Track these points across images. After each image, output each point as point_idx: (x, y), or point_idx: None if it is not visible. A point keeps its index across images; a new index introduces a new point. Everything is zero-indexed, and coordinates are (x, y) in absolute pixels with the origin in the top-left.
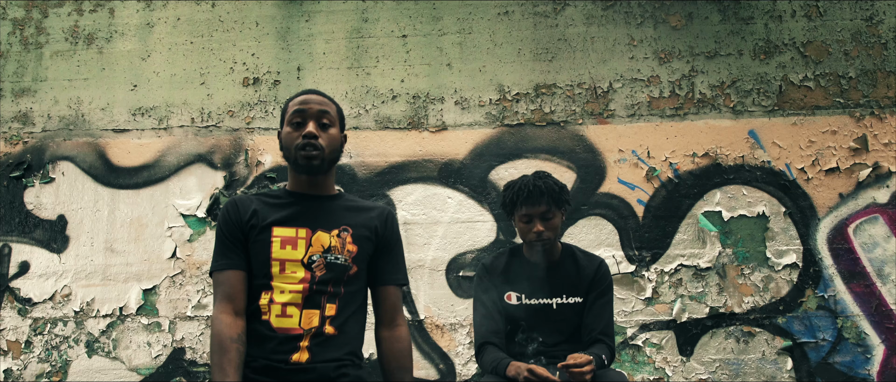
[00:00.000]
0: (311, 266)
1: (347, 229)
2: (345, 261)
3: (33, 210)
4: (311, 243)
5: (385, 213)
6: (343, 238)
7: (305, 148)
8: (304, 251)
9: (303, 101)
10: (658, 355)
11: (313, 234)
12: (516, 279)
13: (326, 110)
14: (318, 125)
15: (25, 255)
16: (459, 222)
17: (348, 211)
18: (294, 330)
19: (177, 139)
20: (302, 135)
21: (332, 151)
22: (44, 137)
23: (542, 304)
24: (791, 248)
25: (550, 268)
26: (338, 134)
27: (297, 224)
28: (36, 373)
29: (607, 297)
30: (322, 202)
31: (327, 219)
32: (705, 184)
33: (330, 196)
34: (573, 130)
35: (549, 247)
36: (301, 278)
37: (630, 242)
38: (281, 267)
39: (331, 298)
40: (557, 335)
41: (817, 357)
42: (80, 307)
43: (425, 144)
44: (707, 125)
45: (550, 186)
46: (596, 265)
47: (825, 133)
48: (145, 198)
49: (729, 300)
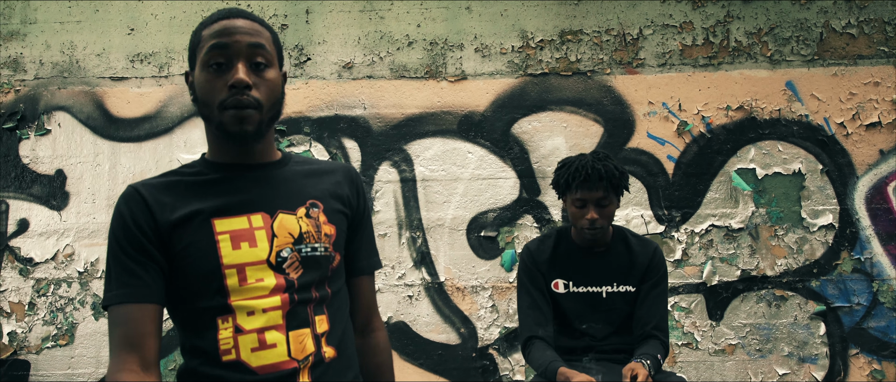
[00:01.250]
0: (283, 267)
1: (317, 204)
2: (325, 251)
3: (30, 164)
4: (274, 232)
5: (351, 173)
6: (315, 217)
7: (236, 106)
8: (267, 245)
9: (224, 29)
10: (687, 319)
11: (273, 220)
12: (563, 266)
13: (260, 44)
14: (249, 67)
15: (24, 212)
16: (480, 179)
17: (308, 178)
18: (285, 365)
19: (179, 88)
20: (228, 84)
21: (274, 104)
22: (37, 86)
23: (591, 292)
24: (827, 208)
25: (601, 254)
26: (278, 76)
27: (247, 209)
28: (41, 336)
29: (662, 286)
30: (270, 172)
31: (286, 193)
32: (739, 139)
33: (275, 162)
34: (600, 80)
35: (602, 235)
36: (274, 287)
37: (659, 201)
38: (240, 277)
39: (318, 307)
40: (607, 326)
41: (851, 322)
42: (84, 267)
43: (444, 94)
44: (742, 76)
45: (610, 170)
46: (651, 252)
47: (867, 85)
48: (148, 151)
49: (761, 263)
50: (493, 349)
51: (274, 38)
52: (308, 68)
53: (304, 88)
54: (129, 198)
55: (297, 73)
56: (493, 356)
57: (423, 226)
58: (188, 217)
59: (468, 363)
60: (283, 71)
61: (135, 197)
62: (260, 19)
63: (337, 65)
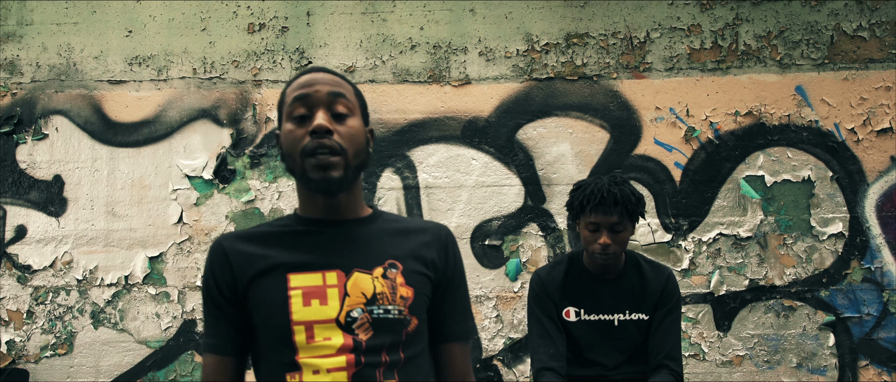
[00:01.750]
0: (353, 327)
1: (396, 264)
2: (399, 314)
3: (27, 169)
4: (346, 291)
5: (443, 235)
6: (392, 279)
7: (317, 152)
8: (338, 304)
9: (305, 83)
10: (694, 330)
11: (348, 278)
12: (574, 293)
13: (341, 93)
14: (330, 116)
15: (22, 218)
16: (485, 187)
17: (392, 237)
18: None
19: (178, 92)
20: (309, 131)
21: (358, 152)
22: (33, 89)
23: (603, 320)
24: (837, 216)
25: (613, 281)
26: (361, 127)
27: (322, 266)
28: (40, 345)
29: (675, 314)
30: (353, 229)
31: (365, 252)
32: (748, 146)
33: (362, 219)
34: (607, 85)
35: (614, 261)
36: (340, 346)
37: (666, 208)
38: (308, 334)
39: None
40: (618, 354)
41: (861, 332)
42: (83, 275)
43: (447, 99)
44: (751, 80)
45: (627, 194)
46: (664, 279)
47: (878, 89)
48: (147, 157)
49: (769, 272)
50: (497, 360)
51: (356, 91)
52: None
53: None
54: (214, 254)
55: None
56: (497, 367)
57: None
58: (266, 270)
59: None
60: (369, 128)
61: (219, 254)
62: (341, 74)
63: (338, 68)
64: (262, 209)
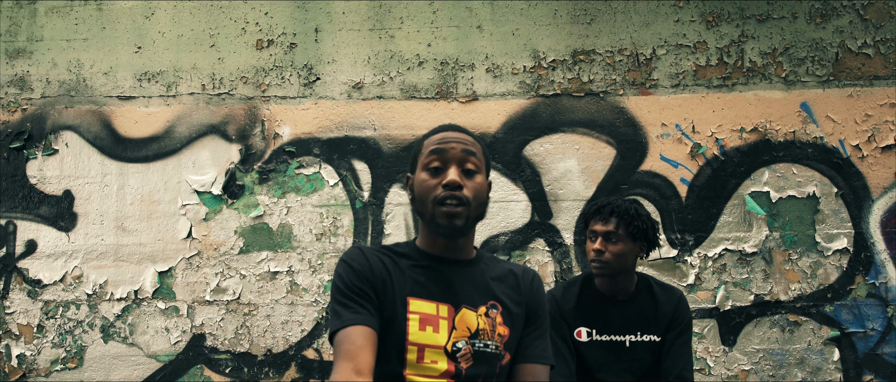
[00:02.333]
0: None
1: (497, 305)
2: (496, 349)
3: (37, 185)
4: (454, 324)
5: (530, 277)
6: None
7: (447, 202)
8: (447, 334)
9: (442, 139)
10: (699, 345)
11: (457, 312)
12: (587, 314)
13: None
14: (461, 172)
15: (32, 233)
16: (492, 202)
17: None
18: None
19: (187, 108)
20: (442, 183)
21: (479, 205)
22: (43, 104)
23: (615, 341)
24: (842, 232)
25: (625, 302)
26: (484, 182)
27: (437, 298)
28: (50, 359)
29: (687, 335)
30: (463, 269)
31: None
32: (753, 162)
33: (471, 260)
34: (613, 101)
35: (607, 271)
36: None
37: (672, 224)
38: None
39: None
40: (628, 375)
41: (865, 347)
42: (93, 289)
43: (455, 115)
44: (756, 97)
45: (626, 208)
46: (675, 301)
47: (883, 106)
48: (156, 172)
49: (775, 287)
50: None
51: (484, 150)
52: (317, 88)
53: (313, 109)
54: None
55: (307, 93)
56: None
57: None
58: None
59: None
60: (489, 180)
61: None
62: (473, 133)
63: (347, 85)
64: (271, 225)
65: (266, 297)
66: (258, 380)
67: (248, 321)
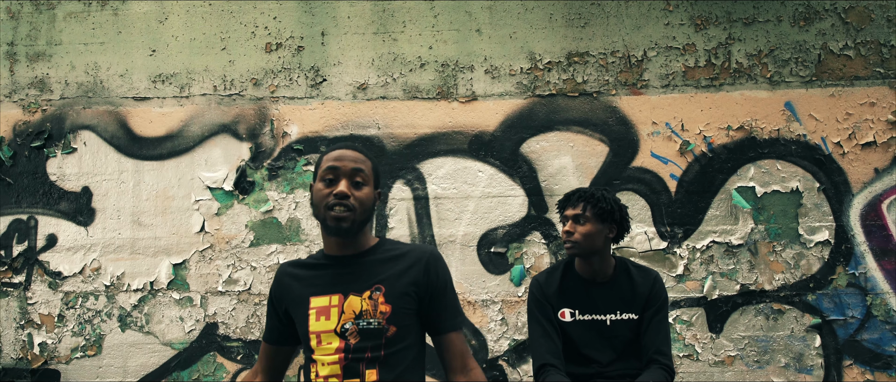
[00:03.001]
0: (346, 335)
1: (380, 287)
2: (378, 324)
3: (57, 182)
4: (343, 310)
5: (424, 258)
6: (375, 299)
7: (334, 209)
8: (336, 319)
9: (337, 157)
10: (688, 332)
11: (345, 300)
12: (570, 296)
13: (360, 168)
14: (350, 184)
15: (52, 227)
16: (490, 197)
17: (383, 265)
18: None
19: (199, 109)
20: (332, 193)
21: (365, 211)
22: (62, 105)
23: (596, 320)
24: (823, 224)
25: (604, 284)
26: (371, 192)
27: (329, 291)
28: (71, 347)
29: (663, 313)
30: (355, 262)
31: (358, 280)
32: (739, 158)
33: (364, 252)
34: (606, 101)
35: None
36: (336, 347)
37: (662, 218)
38: (318, 340)
39: (370, 364)
40: (611, 352)
41: (845, 334)
42: (111, 281)
43: (455, 115)
44: (743, 97)
45: (592, 192)
46: (651, 281)
47: (863, 105)
48: (170, 169)
49: (759, 278)
50: (502, 360)
51: (373, 166)
52: (324, 89)
53: (320, 109)
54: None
55: (314, 93)
56: (502, 367)
57: (435, 242)
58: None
59: None
60: (378, 190)
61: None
62: (365, 152)
63: (352, 86)
64: (280, 219)
65: None
66: None
67: (258, 311)
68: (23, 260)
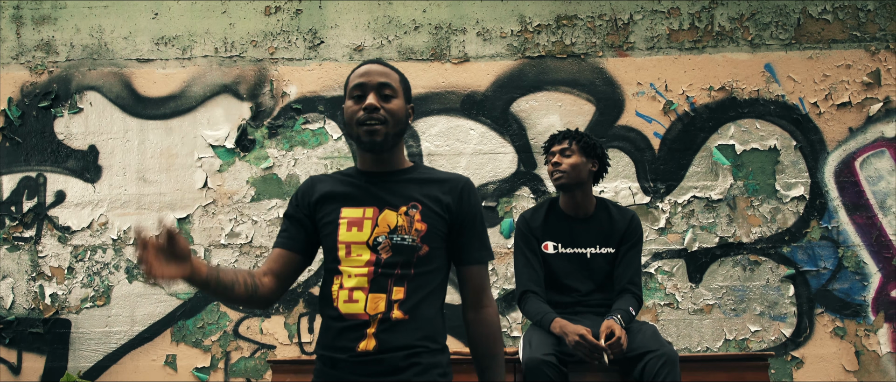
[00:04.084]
0: (377, 248)
1: (416, 205)
2: (412, 242)
3: (64, 140)
4: (377, 223)
5: (460, 184)
6: (411, 216)
7: (367, 122)
8: (369, 232)
9: (363, 72)
10: (669, 282)
11: (380, 213)
12: (553, 230)
13: (387, 82)
14: (379, 97)
15: (61, 184)
16: (482, 154)
17: (419, 185)
18: (360, 316)
19: (201, 70)
20: (362, 108)
21: (397, 123)
22: (68, 67)
23: (577, 253)
24: (799, 181)
25: (585, 220)
26: (402, 105)
27: (364, 204)
28: (80, 297)
29: (637, 248)
30: (390, 179)
31: (394, 196)
32: (720, 118)
33: (400, 171)
34: (593, 62)
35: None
36: (366, 260)
37: (646, 174)
38: (347, 250)
39: (398, 281)
40: (591, 283)
41: (817, 284)
42: (118, 234)
43: (448, 75)
44: (724, 59)
45: (574, 131)
46: (628, 219)
47: (840, 67)
48: (174, 128)
49: (738, 231)
50: None
51: (402, 78)
52: (321, 51)
53: (318, 70)
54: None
55: (312, 55)
56: None
57: None
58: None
59: None
60: (410, 105)
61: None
62: (391, 66)
63: (348, 47)
64: (280, 175)
65: None
66: (269, 315)
67: (259, 263)
68: (33, 216)
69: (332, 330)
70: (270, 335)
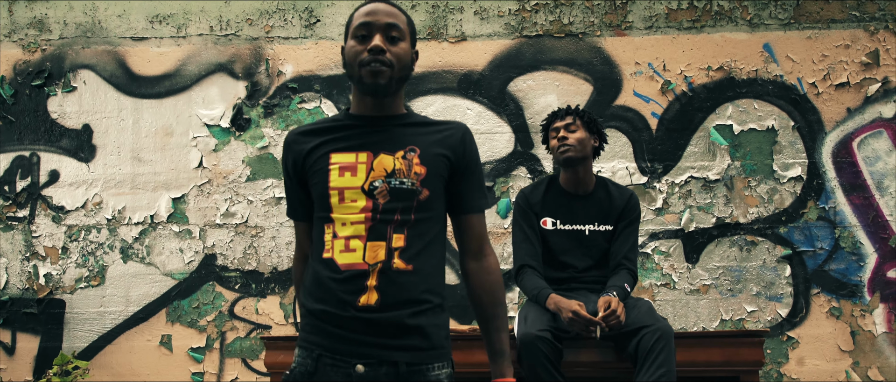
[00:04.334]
0: (374, 193)
1: (414, 149)
2: (412, 185)
3: (58, 119)
4: (372, 167)
5: (461, 130)
6: (409, 159)
7: (371, 64)
8: (364, 176)
9: (369, 11)
10: (665, 262)
11: (375, 157)
12: (552, 206)
13: (395, 23)
14: (385, 39)
15: (54, 164)
16: (478, 134)
17: (417, 128)
18: (358, 266)
19: (196, 48)
20: (367, 49)
21: (402, 68)
22: (62, 45)
23: (575, 230)
24: (797, 161)
25: (584, 197)
26: (408, 49)
27: (357, 149)
28: (75, 277)
29: (634, 226)
30: (386, 123)
31: (391, 140)
32: (718, 98)
33: (396, 116)
34: (591, 42)
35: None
36: (362, 206)
37: (643, 154)
38: (340, 197)
39: (398, 227)
40: (588, 259)
41: (814, 264)
42: (112, 214)
43: (445, 54)
44: (723, 38)
45: (575, 108)
46: (627, 197)
47: (838, 47)
48: (169, 108)
49: (735, 211)
50: None
51: (408, 21)
52: (318, 29)
53: (314, 48)
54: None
55: (308, 33)
56: None
57: None
58: (316, 150)
59: (465, 301)
60: (415, 50)
61: (292, 138)
62: (398, 6)
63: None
64: (276, 155)
65: (271, 220)
66: (265, 295)
67: (255, 242)
68: (26, 195)
69: (327, 283)
70: (266, 315)
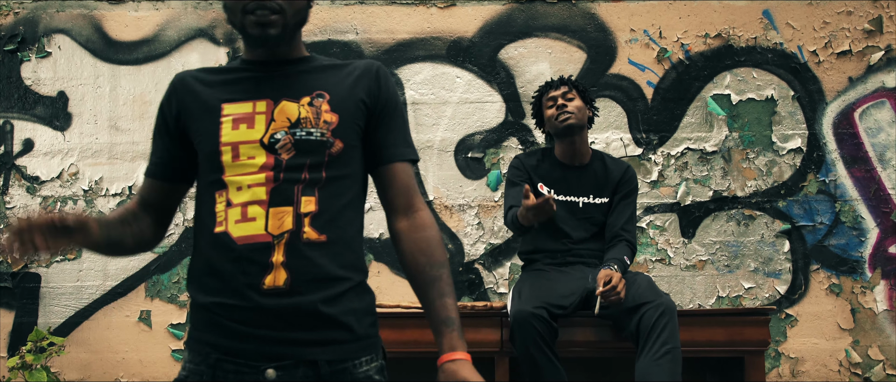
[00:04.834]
0: (275, 147)
1: (323, 94)
2: (321, 136)
3: (32, 86)
4: (273, 117)
5: (373, 68)
6: (317, 106)
7: (256, 11)
8: (264, 128)
9: None
10: (661, 237)
11: (276, 106)
12: (547, 176)
13: None
14: None
15: (28, 132)
16: (468, 103)
17: (323, 71)
18: (260, 238)
19: (176, 12)
20: None
21: (297, 13)
22: (35, 8)
23: (570, 201)
24: (796, 132)
25: (580, 169)
26: None
27: (254, 97)
28: None
29: (632, 198)
30: (287, 67)
31: (295, 85)
32: (716, 66)
33: (298, 59)
34: (585, 7)
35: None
36: (262, 164)
37: (638, 124)
38: (234, 153)
39: (307, 188)
40: (583, 232)
41: (814, 239)
42: (89, 185)
43: (433, 20)
44: (721, 5)
45: (567, 77)
46: (623, 169)
47: (840, 14)
48: (147, 74)
49: (732, 184)
50: (478, 264)
51: None
52: None
53: None
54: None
55: None
56: (478, 270)
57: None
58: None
59: (455, 276)
60: None
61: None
62: None
63: None
64: None
65: None
66: None
67: None
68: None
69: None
70: None
